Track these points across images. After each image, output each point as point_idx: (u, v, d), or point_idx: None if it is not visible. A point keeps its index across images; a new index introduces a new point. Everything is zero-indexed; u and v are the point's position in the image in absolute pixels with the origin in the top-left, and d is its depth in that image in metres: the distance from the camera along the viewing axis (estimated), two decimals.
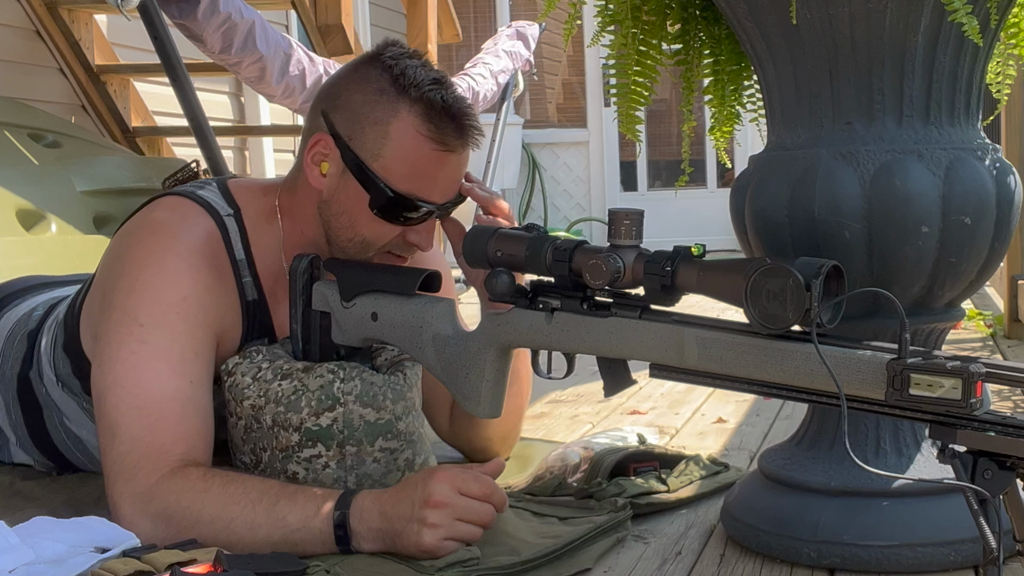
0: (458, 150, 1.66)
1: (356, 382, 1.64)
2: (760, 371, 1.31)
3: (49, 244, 3.32)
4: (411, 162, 1.64)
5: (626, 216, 1.41)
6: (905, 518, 1.48)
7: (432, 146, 1.63)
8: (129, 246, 1.67)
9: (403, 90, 1.63)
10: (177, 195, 1.73)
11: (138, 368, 1.57)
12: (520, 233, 1.51)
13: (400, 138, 1.63)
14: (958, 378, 1.17)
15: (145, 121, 4.80)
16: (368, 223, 1.67)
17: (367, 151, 1.64)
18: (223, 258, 1.69)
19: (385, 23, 7.31)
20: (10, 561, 1.35)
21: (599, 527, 1.62)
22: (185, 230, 1.67)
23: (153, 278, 1.62)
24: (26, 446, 1.96)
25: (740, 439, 2.30)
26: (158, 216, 1.70)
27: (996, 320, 3.85)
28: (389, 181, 1.64)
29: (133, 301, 1.61)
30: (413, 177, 1.64)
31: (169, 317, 1.60)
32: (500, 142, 5.99)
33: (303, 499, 1.50)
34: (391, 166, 1.64)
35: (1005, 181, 1.52)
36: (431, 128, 1.63)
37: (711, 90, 1.76)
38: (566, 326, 1.47)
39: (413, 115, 1.63)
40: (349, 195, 1.66)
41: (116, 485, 1.54)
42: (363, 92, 1.65)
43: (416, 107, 1.63)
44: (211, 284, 1.66)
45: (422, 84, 1.63)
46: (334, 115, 1.67)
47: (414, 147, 1.63)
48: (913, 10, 1.45)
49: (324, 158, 1.67)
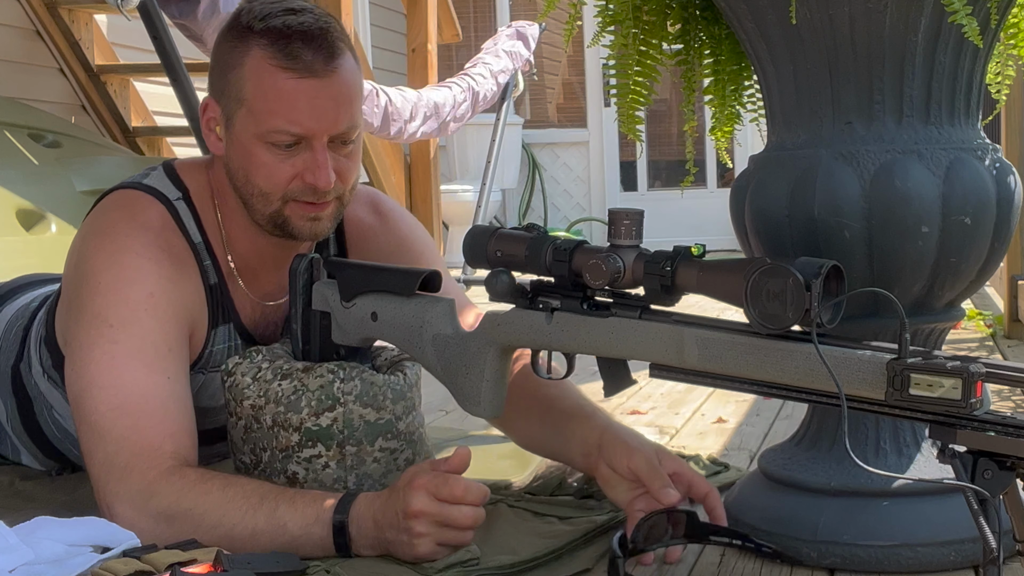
0: (319, 72, 1.61)
1: (356, 382, 1.64)
2: (760, 371, 1.31)
3: (49, 244, 3.32)
4: (272, 96, 1.61)
5: (626, 216, 1.41)
6: (905, 518, 1.48)
7: (287, 74, 1.60)
8: (87, 251, 1.66)
9: (248, 27, 1.62)
10: (126, 187, 1.71)
11: (113, 368, 1.57)
12: (520, 233, 1.50)
13: (255, 74, 1.61)
14: (958, 378, 1.17)
15: (145, 121, 4.80)
16: (258, 171, 1.64)
17: (234, 99, 1.63)
18: (181, 245, 1.68)
19: (385, 23, 7.31)
20: (10, 561, 1.35)
21: (599, 527, 1.62)
22: (138, 226, 1.65)
23: (116, 279, 1.61)
24: (24, 443, 1.97)
25: (740, 439, 2.30)
26: (110, 217, 1.68)
27: (996, 320, 3.84)
28: (259, 121, 1.62)
29: (99, 303, 1.60)
30: (278, 111, 1.61)
31: (138, 314, 1.59)
32: (500, 142, 5.99)
33: (302, 504, 1.49)
34: (256, 105, 1.62)
35: (1005, 181, 1.52)
36: (280, 55, 1.60)
37: (711, 90, 1.76)
38: (566, 326, 1.47)
39: (261, 48, 1.61)
40: (236, 149, 1.65)
41: (108, 485, 1.53)
42: (221, 45, 1.66)
43: (263, 39, 1.61)
44: (173, 276, 1.64)
45: (268, 16, 1.61)
46: (212, 76, 1.68)
47: (270, 79, 1.60)
48: (913, 10, 1.45)
49: (215, 122, 1.67)
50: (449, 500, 1.46)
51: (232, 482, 1.53)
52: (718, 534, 1.55)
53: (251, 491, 1.51)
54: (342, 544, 1.48)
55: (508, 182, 7.91)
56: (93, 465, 1.56)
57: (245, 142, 1.64)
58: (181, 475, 1.52)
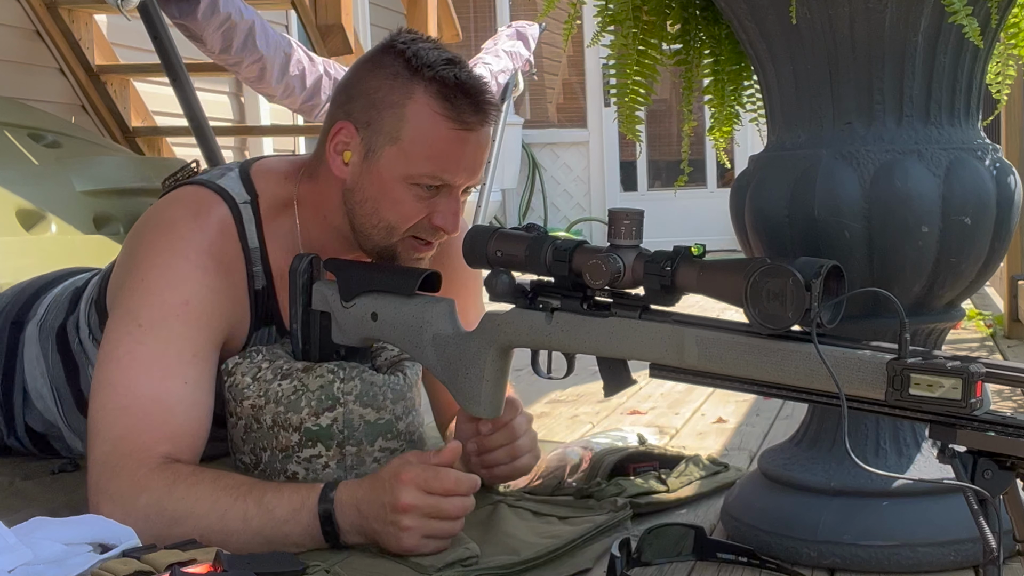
0: (476, 128, 1.66)
1: (356, 382, 1.64)
2: (760, 371, 1.31)
3: (49, 244, 3.32)
4: (430, 142, 1.64)
5: (626, 216, 1.42)
6: (905, 518, 1.48)
7: (449, 125, 1.64)
8: (140, 244, 1.69)
9: (416, 71, 1.64)
10: (198, 184, 1.73)
11: (131, 370, 1.58)
12: (520, 233, 1.51)
13: (417, 119, 1.63)
14: (958, 378, 1.17)
15: (145, 121, 4.80)
16: (392, 207, 1.67)
17: (386, 135, 1.65)
18: (234, 249, 1.69)
19: (385, 23, 7.31)
20: (9, 561, 1.35)
21: (599, 527, 1.62)
22: (196, 229, 1.66)
23: (157, 279, 1.62)
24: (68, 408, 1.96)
25: (740, 439, 2.30)
26: (172, 213, 1.70)
27: (996, 320, 3.85)
28: (410, 163, 1.64)
29: (136, 301, 1.62)
30: (433, 157, 1.64)
31: (168, 320, 1.60)
32: (500, 142, 5.99)
33: (288, 492, 1.51)
34: (410, 148, 1.64)
35: (1005, 181, 1.52)
36: (447, 107, 1.63)
37: (711, 90, 1.76)
38: (566, 326, 1.47)
39: (428, 95, 1.63)
40: (372, 181, 1.67)
41: (99, 483, 1.54)
42: (378, 78, 1.66)
43: (431, 87, 1.63)
44: (216, 285, 1.66)
45: (435, 64, 1.64)
46: (352, 104, 1.68)
47: (431, 127, 1.63)
48: (913, 10, 1.45)
49: (346, 147, 1.68)
50: (441, 493, 1.47)
51: (222, 473, 1.55)
52: (725, 551, 1.55)
53: (240, 482, 1.53)
54: (331, 532, 1.48)
55: (508, 182, 7.91)
56: (91, 463, 1.57)
57: (387, 178, 1.65)
58: (172, 469, 1.53)
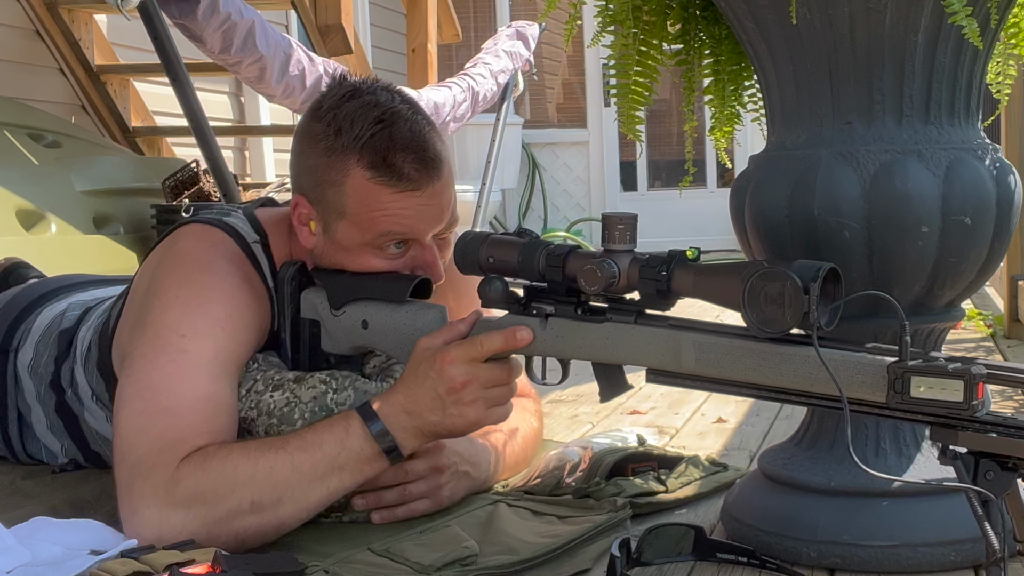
0: (423, 184, 1.61)
1: (349, 392, 1.64)
2: (758, 375, 1.31)
3: (49, 244, 3.32)
4: (378, 209, 1.61)
5: (620, 220, 1.40)
6: (905, 518, 1.48)
7: (392, 189, 1.60)
8: (164, 271, 1.65)
9: (346, 147, 1.60)
10: (202, 223, 1.71)
11: (175, 374, 1.54)
12: (512, 239, 1.48)
13: (357, 193, 1.61)
14: (960, 380, 1.17)
15: (145, 121, 4.80)
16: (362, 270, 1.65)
17: (334, 211, 1.63)
18: (257, 281, 1.69)
19: (385, 23, 7.31)
20: (8, 562, 1.35)
21: (599, 527, 1.62)
22: (219, 255, 1.66)
23: (195, 296, 1.60)
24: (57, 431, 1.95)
25: (740, 439, 2.30)
26: (185, 246, 1.68)
27: (996, 320, 3.84)
28: (364, 232, 1.62)
29: (172, 316, 1.58)
30: (386, 220, 1.61)
31: (215, 330, 1.58)
32: (500, 142, 5.98)
33: (322, 429, 1.52)
34: (359, 220, 1.61)
35: (1005, 181, 1.52)
36: (384, 173, 1.59)
37: (711, 90, 1.76)
38: (560, 332, 1.46)
39: (362, 167, 1.60)
40: (337, 250, 1.65)
41: (134, 487, 1.48)
42: (315, 154, 1.63)
43: (363, 158, 1.60)
44: (252, 304, 1.65)
45: (363, 133, 1.59)
46: (301, 179, 1.67)
47: (374, 197, 1.60)
48: (913, 10, 1.45)
49: (308, 218, 1.66)
50: (488, 356, 1.49)
51: (247, 441, 1.56)
52: (725, 551, 1.54)
53: (271, 441, 1.54)
54: (391, 448, 1.51)
55: (508, 182, 7.90)
56: (122, 470, 1.51)
57: (349, 247, 1.64)
58: (201, 452, 1.49)
